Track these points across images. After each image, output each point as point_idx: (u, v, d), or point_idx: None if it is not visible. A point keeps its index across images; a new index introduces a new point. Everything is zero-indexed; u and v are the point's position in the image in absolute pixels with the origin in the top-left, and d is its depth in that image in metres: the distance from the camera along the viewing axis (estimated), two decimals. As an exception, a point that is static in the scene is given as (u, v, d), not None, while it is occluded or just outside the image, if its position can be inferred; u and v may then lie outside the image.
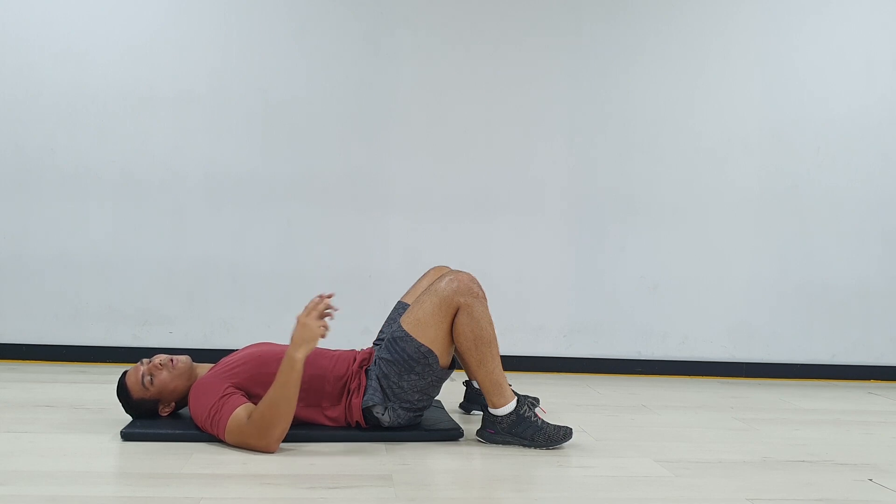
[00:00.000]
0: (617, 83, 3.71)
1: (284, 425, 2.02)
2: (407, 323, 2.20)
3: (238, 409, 2.04)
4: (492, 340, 2.20)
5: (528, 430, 2.19)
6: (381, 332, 2.53)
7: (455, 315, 2.18)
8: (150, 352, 3.37)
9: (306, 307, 2.07)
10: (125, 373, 2.23)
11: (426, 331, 2.17)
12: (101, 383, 2.92)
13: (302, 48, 3.52)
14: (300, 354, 2.02)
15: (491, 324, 2.20)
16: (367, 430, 2.21)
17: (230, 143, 3.48)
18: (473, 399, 2.65)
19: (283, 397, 2.00)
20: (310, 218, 3.53)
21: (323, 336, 2.04)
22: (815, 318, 3.84)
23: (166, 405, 2.22)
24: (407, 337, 2.17)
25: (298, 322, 2.05)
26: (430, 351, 2.17)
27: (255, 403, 2.08)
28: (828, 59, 3.83)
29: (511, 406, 2.20)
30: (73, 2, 3.39)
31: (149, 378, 2.17)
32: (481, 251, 3.62)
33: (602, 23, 3.69)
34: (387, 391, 2.19)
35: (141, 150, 3.43)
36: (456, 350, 2.23)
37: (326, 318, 2.25)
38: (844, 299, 3.85)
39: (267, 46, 3.50)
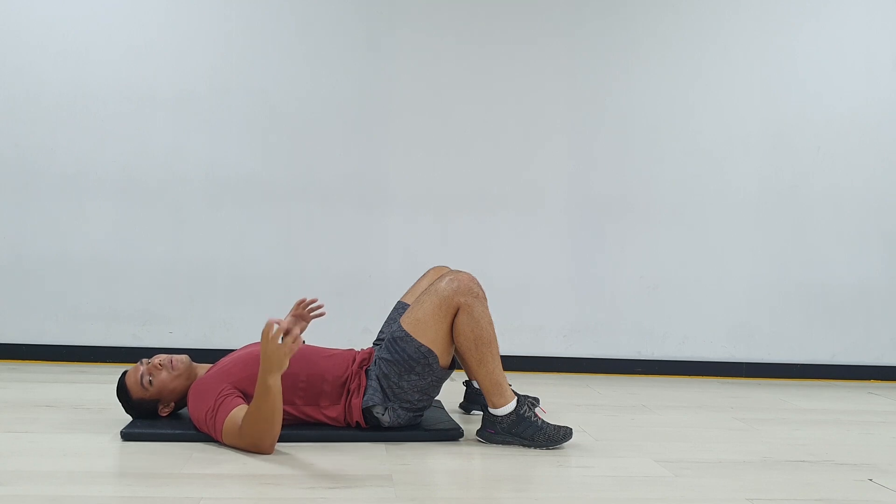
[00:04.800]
0: (616, 83, 3.71)
1: (273, 434, 2.00)
2: (407, 323, 2.20)
3: (233, 411, 2.03)
4: (492, 340, 2.20)
5: (528, 430, 2.19)
6: (380, 332, 2.53)
7: (455, 315, 2.18)
8: (149, 352, 3.37)
9: (263, 334, 1.91)
10: (125, 373, 2.23)
11: (426, 331, 2.17)
12: (101, 383, 2.92)
13: (302, 48, 3.52)
14: (273, 380, 1.93)
15: (491, 324, 2.20)
16: (367, 430, 2.21)
17: (230, 143, 3.48)
18: (473, 399, 2.65)
19: (263, 418, 1.96)
20: (310, 218, 3.53)
21: (292, 352, 1.91)
22: (815, 318, 3.84)
23: (166, 405, 2.22)
24: (407, 337, 2.17)
25: (262, 352, 1.93)
26: (431, 351, 2.17)
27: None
28: (828, 59, 3.83)
29: (511, 406, 2.20)
30: (73, 2, 3.39)
31: (148, 378, 2.17)
32: (481, 251, 3.62)
33: (601, 22, 3.69)
34: (387, 391, 2.19)
35: (141, 150, 3.43)
36: (456, 350, 2.23)
37: (316, 318, 2.39)
38: (844, 299, 3.85)
39: (267, 46, 3.50)
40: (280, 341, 1.91)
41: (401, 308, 2.49)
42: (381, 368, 2.20)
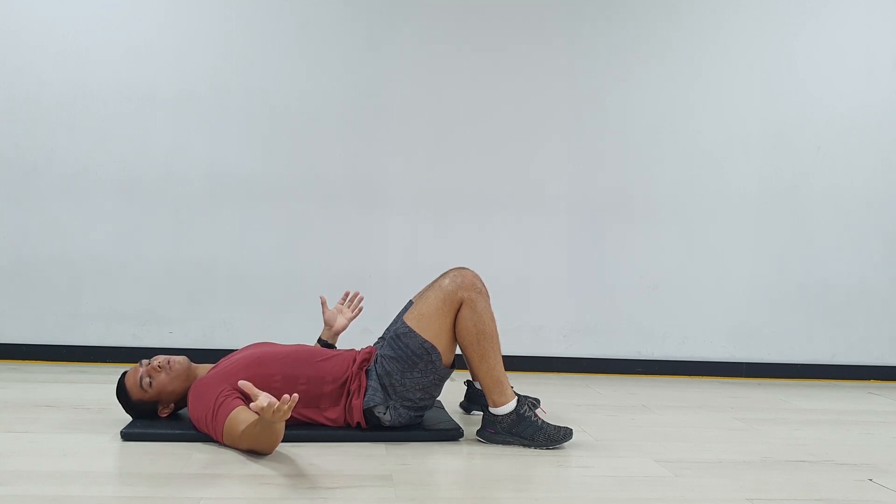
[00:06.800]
0: (617, 83, 3.71)
1: (274, 448, 2.00)
2: (411, 319, 2.21)
3: (233, 412, 2.02)
4: (493, 336, 2.21)
5: (529, 430, 2.19)
6: (386, 330, 2.53)
7: (458, 310, 2.19)
8: (150, 352, 3.37)
9: (271, 407, 1.80)
10: (124, 374, 2.23)
11: (430, 326, 2.18)
12: (101, 383, 2.92)
13: (302, 48, 3.52)
14: (280, 425, 1.91)
15: (493, 320, 2.21)
16: (368, 430, 2.21)
17: (230, 143, 3.48)
18: (474, 399, 2.65)
19: (265, 441, 1.95)
20: (309, 218, 3.53)
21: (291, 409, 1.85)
22: (815, 318, 3.84)
23: (165, 406, 2.22)
24: (411, 332, 2.18)
25: (265, 417, 1.84)
26: (434, 347, 2.17)
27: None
28: (828, 59, 3.83)
29: (511, 405, 2.20)
30: (73, 2, 3.39)
31: (147, 380, 2.17)
32: (481, 251, 3.62)
33: (602, 23, 3.69)
34: (388, 389, 2.19)
35: (141, 150, 3.43)
36: (459, 345, 2.24)
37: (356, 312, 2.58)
38: (844, 299, 3.85)
39: (267, 46, 3.50)
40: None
41: (409, 306, 2.49)
42: (383, 366, 2.20)
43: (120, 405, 2.33)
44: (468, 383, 2.68)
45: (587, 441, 2.33)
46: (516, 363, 3.58)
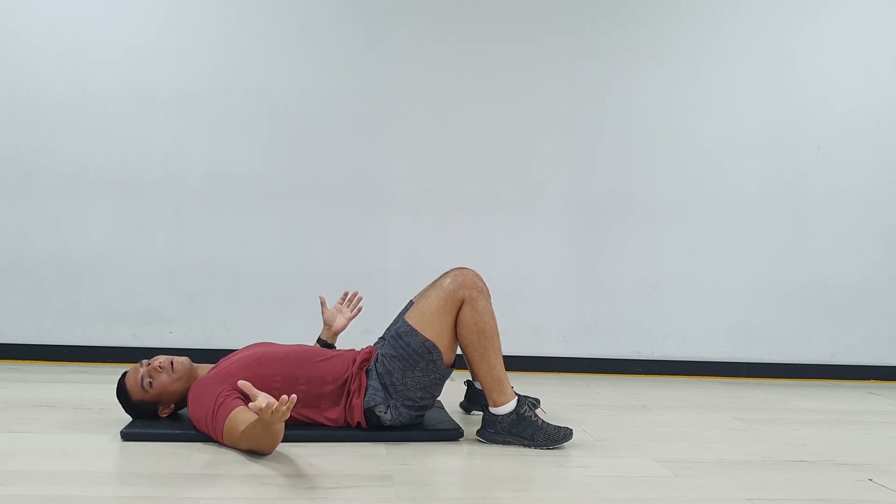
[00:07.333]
0: (617, 83, 3.71)
1: (274, 448, 2.00)
2: (412, 318, 2.22)
3: (233, 412, 2.02)
4: (494, 335, 2.21)
5: (529, 430, 2.20)
6: (386, 330, 2.53)
7: (459, 309, 2.20)
8: (149, 352, 3.37)
9: (270, 408, 1.79)
10: (125, 374, 2.23)
11: (431, 325, 2.19)
12: (101, 383, 2.92)
13: (302, 48, 3.52)
14: (279, 425, 1.90)
15: (494, 319, 2.22)
16: (368, 430, 2.21)
17: (230, 142, 3.48)
18: (474, 399, 2.65)
19: (265, 442, 1.95)
20: (310, 218, 3.53)
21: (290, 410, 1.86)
22: (815, 318, 3.84)
23: (166, 406, 2.22)
24: (412, 331, 2.18)
25: (264, 418, 1.84)
26: (435, 346, 2.17)
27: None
28: (828, 59, 3.83)
29: (511, 405, 2.20)
30: (73, 2, 3.39)
31: (148, 381, 2.17)
32: (481, 251, 3.62)
33: (602, 22, 3.69)
34: (389, 388, 2.19)
35: (141, 150, 3.43)
36: (459, 344, 2.24)
37: (356, 312, 2.57)
38: (844, 299, 3.85)
39: (267, 46, 3.50)
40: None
41: (410, 306, 2.49)
42: (384, 365, 2.20)
43: (120, 405, 2.33)
44: (468, 383, 2.68)
45: (587, 441, 2.33)
46: (516, 363, 3.58)
